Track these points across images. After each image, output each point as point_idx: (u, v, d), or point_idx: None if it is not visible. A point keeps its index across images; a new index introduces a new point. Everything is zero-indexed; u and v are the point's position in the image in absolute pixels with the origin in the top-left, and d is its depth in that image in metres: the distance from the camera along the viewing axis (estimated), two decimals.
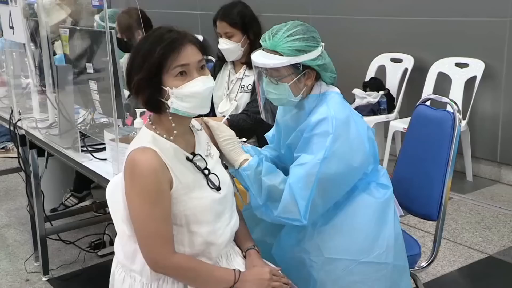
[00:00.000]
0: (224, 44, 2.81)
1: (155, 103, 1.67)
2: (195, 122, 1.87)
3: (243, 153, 1.94)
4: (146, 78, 1.63)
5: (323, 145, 1.82)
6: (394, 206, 1.99)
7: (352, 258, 1.89)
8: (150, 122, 1.75)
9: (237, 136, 1.98)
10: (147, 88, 1.65)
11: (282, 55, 1.86)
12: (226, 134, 1.92)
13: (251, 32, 2.79)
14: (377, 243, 1.90)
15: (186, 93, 1.65)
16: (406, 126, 2.44)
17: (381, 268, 1.90)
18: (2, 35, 3.41)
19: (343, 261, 1.89)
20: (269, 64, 1.87)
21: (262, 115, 2.12)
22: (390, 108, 4.58)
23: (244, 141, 2.20)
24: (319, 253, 1.91)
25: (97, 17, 3.74)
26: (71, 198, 3.88)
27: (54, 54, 3.08)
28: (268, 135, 2.24)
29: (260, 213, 1.93)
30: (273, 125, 2.18)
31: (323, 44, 1.93)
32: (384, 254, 1.90)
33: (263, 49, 1.91)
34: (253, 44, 2.78)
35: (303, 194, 1.83)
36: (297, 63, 1.86)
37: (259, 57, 1.90)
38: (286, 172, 1.93)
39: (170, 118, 1.70)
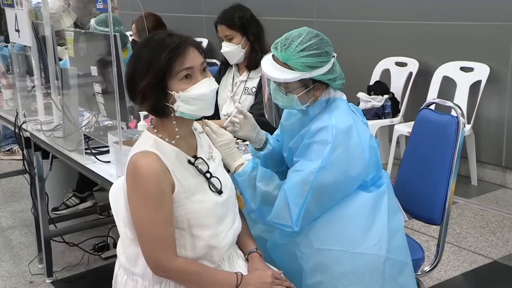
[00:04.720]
0: (225, 47, 2.84)
1: (161, 108, 1.67)
2: (197, 125, 1.87)
3: (239, 158, 1.93)
4: (152, 83, 1.63)
5: (321, 153, 1.81)
6: (388, 200, 1.94)
7: (342, 249, 1.86)
8: (152, 126, 1.75)
9: (241, 138, 1.97)
10: (153, 93, 1.64)
11: (293, 69, 1.84)
12: (224, 139, 1.91)
13: (251, 33, 2.82)
14: (369, 234, 1.87)
15: (193, 96, 1.66)
16: (411, 130, 2.43)
17: (373, 260, 1.86)
18: (8, 42, 3.41)
19: (333, 251, 1.87)
20: (280, 79, 1.85)
21: (266, 115, 2.11)
22: (394, 112, 4.57)
23: (247, 144, 2.20)
24: (308, 244, 1.89)
25: (92, 21, 3.73)
26: (72, 198, 3.90)
27: (60, 59, 3.08)
28: (273, 135, 2.24)
29: (255, 216, 1.94)
30: (276, 128, 2.18)
31: (335, 54, 1.90)
32: (376, 246, 1.87)
33: (273, 56, 1.88)
34: (254, 45, 2.80)
35: (297, 201, 1.83)
36: (308, 78, 1.85)
37: (270, 69, 1.87)
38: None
39: (174, 122, 1.70)
